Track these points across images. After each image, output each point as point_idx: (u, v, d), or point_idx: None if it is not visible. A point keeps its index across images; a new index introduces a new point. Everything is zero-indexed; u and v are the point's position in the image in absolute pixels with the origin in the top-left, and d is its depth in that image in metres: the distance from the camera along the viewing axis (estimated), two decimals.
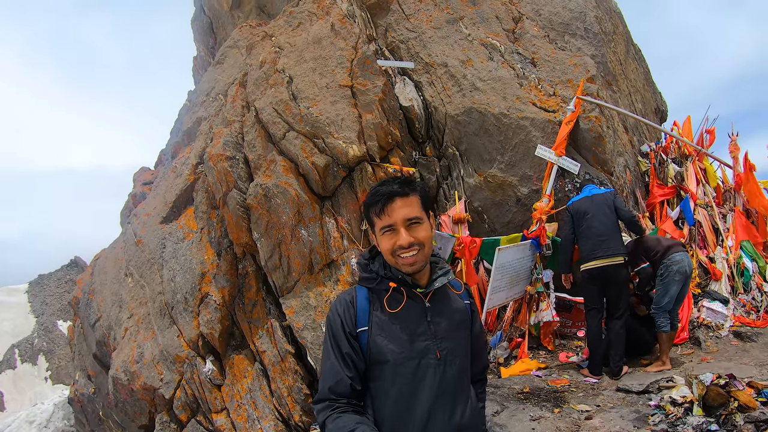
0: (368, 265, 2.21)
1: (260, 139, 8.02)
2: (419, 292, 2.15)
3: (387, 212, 2.08)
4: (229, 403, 7.57)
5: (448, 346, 2.12)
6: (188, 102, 11.82)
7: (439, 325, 2.13)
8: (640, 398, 5.40)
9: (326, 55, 8.44)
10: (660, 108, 12.32)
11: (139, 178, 12.85)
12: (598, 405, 5.39)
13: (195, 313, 8.04)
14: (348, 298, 2.19)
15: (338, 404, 2.06)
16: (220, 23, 13.72)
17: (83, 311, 10.56)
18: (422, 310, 2.13)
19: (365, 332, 2.11)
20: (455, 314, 2.20)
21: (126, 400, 8.54)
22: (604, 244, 6.35)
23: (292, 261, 7.44)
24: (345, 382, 2.06)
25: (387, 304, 2.13)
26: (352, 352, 2.09)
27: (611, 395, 5.61)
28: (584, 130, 7.69)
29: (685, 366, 6.26)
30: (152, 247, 9.22)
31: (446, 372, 2.09)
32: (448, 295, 2.24)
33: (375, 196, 2.12)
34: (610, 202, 6.56)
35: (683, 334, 7.11)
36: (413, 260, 2.08)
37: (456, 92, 8.49)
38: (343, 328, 2.11)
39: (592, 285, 6.49)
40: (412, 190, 2.12)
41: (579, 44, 8.73)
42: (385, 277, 2.16)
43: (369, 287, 2.19)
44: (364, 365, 2.11)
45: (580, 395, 5.76)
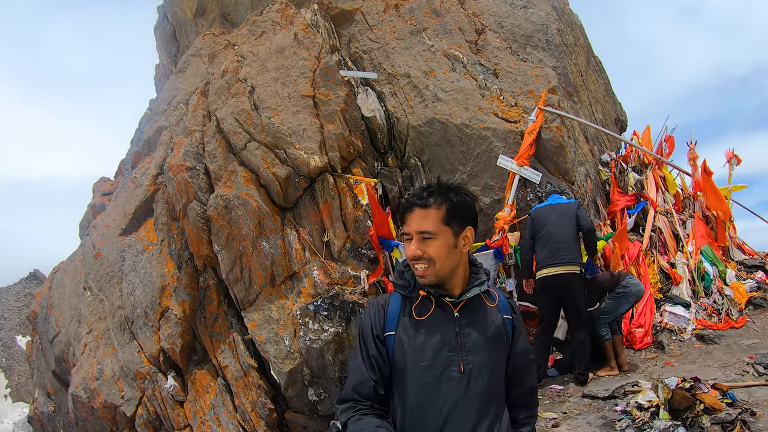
0: (404, 273, 2.20)
1: (221, 149, 7.92)
2: (449, 301, 2.12)
3: (407, 221, 2.10)
4: (192, 419, 7.41)
5: (475, 360, 2.07)
6: (149, 111, 11.62)
7: (468, 337, 2.09)
8: (606, 404, 5.46)
9: (289, 65, 8.39)
10: (620, 118, 12.56)
11: (99, 188, 12.56)
12: (564, 412, 5.42)
13: (155, 327, 7.87)
14: (381, 302, 2.20)
15: (361, 406, 2.06)
16: (184, 31, 13.56)
17: (41, 326, 10.26)
18: (450, 320, 2.10)
19: (392, 337, 2.11)
20: (488, 328, 2.14)
21: (86, 419, 8.30)
22: (560, 252, 6.32)
23: (254, 273, 7.34)
24: (369, 383, 2.06)
25: (415, 311, 2.11)
26: (378, 355, 2.09)
27: (578, 402, 5.66)
28: (546, 140, 7.78)
29: (650, 370, 6.36)
30: (111, 259, 9.00)
31: (470, 386, 2.05)
32: (484, 308, 2.18)
33: (405, 202, 2.15)
34: (573, 212, 6.54)
35: (646, 339, 7.22)
36: (423, 273, 2.07)
37: (418, 103, 8.51)
38: (372, 330, 2.12)
39: (545, 293, 6.51)
40: (435, 203, 2.08)
41: (541, 56, 8.84)
42: (416, 285, 2.14)
43: (402, 294, 2.17)
44: (389, 370, 2.10)
45: (546, 402, 5.79)
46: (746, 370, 5.87)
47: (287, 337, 6.94)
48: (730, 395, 4.92)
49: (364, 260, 7.47)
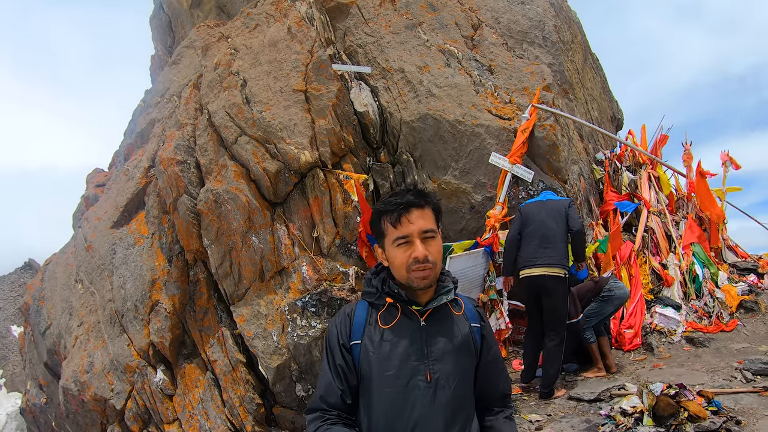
0: (371, 280, 2.17)
1: (212, 143, 7.87)
2: (415, 310, 2.09)
3: (403, 222, 2.02)
4: (180, 413, 7.41)
5: (441, 369, 2.04)
6: (143, 102, 11.55)
7: (435, 346, 2.06)
8: (591, 407, 5.43)
9: (282, 59, 8.33)
10: (616, 116, 12.49)
11: (92, 179, 12.51)
12: (549, 414, 5.40)
13: (145, 321, 7.86)
14: (347, 311, 2.17)
15: (329, 416, 2.04)
16: (179, 22, 13.47)
17: (33, 318, 10.26)
18: (417, 329, 2.07)
19: (358, 345, 2.08)
20: (455, 337, 2.11)
21: (77, 411, 8.31)
22: (545, 252, 6.08)
23: (243, 268, 7.31)
24: (336, 393, 2.05)
25: (381, 319, 2.08)
26: (345, 365, 2.07)
27: (563, 404, 5.63)
28: (539, 138, 7.73)
29: (638, 372, 6.32)
30: (102, 252, 8.98)
31: (437, 396, 2.02)
32: (450, 316, 2.15)
33: (390, 204, 2.06)
34: (563, 210, 6.26)
35: (636, 340, 7.20)
36: (427, 274, 2.02)
37: (412, 98, 8.46)
38: (338, 339, 2.10)
39: (527, 294, 6.33)
40: (427, 202, 2.08)
41: (537, 52, 8.77)
42: (382, 292, 2.11)
43: (369, 302, 2.15)
44: (356, 379, 2.07)
45: (532, 404, 5.77)
46: (734, 375, 5.82)
47: (275, 332, 6.93)
48: (715, 403, 4.89)
49: (354, 256, 7.44)
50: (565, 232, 6.21)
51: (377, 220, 2.12)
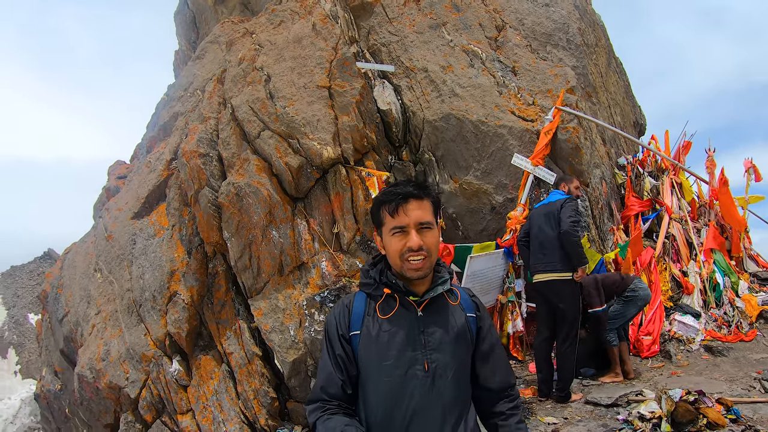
0: (368, 271, 2.19)
1: (235, 137, 7.91)
2: (413, 300, 2.11)
3: (401, 212, 2.05)
4: (194, 404, 7.44)
5: (439, 359, 2.07)
6: (166, 96, 11.64)
7: (432, 336, 2.08)
8: (608, 411, 5.38)
9: (306, 55, 8.36)
10: (639, 121, 12.39)
11: (114, 171, 12.64)
12: (565, 417, 5.35)
13: (163, 311, 7.91)
14: (346, 302, 2.20)
15: (329, 406, 2.06)
16: (204, 18, 13.57)
17: (51, 305, 10.36)
18: (414, 319, 2.09)
19: (357, 336, 2.10)
20: (452, 326, 2.13)
21: (91, 399, 8.37)
22: (542, 258, 6.02)
23: (262, 262, 7.33)
24: (336, 383, 2.07)
25: (379, 310, 2.11)
26: (344, 355, 2.09)
27: (580, 408, 5.58)
28: (562, 141, 7.68)
29: (655, 379, 6.26)
30: (122, 242, 9.06)
31: (436, 385, 2.05)
32: (447, 306, 2.17)
33: (389, 194, 2.09)
34: (556, 212, 6.00)
35: (654, 347, 7.13)
36: (420, 265, 2.04)
37: (435, 98, 8.45)
38: (337, 330, 2.12)
39: (536, 300, 6.31)
40: (426, 194, 2.11)
41: (561, 55, 8.74)
42: (380, 282, 2.13)
43: (367, 293, 2.17)
44: (355, 369, 2.10)
45: (548, 407, 5.73)
46: (753, 385, 5.76)
47: (293, 326, 6.94)
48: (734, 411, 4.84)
49: (373, 253, 7.43)
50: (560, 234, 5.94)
51: (377, 210, 2.14)
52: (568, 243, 5.81)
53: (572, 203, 6.03)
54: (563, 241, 5.84)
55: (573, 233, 5.80)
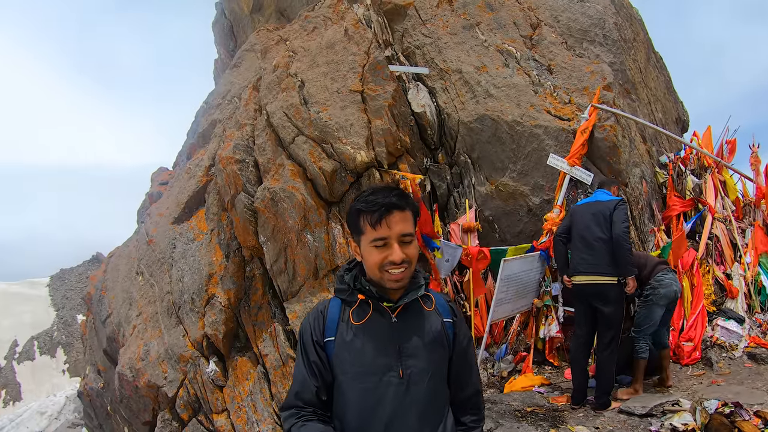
0: (343, 276, 2.17)
1: (270, 142, 8.01)
2: (386, 306, 2.09)
3: (383, 224, 2.00)
4: (230, 404, 7.57)
5: (414, 365, 2.04)
6: (205, 104, 11.90)
7: (407, 342, 2.06)
8: (641, 422, 5.16)
9: (339, 60, 8.41)
10: (681, 117, 12.03)
11: (157, 177, 12.99)
12: (597, 427, 5.19)
13: (201, 313, 8.07)
14: (321, 308, 2.17)
15: (304, 412, 2.05)
16: (241, 27, 13.81)
17: (95, 307, 10.69)
18: (388, 326, 2.07)
19: (332, 342, 2.08)
20: (427, 333, 2.11)
21: (131, 397, 8.60)
22: (588, 259, 5.72)
23: (298, 266, 7.40)
24: (311, 390, 2.05)
25: (353, 316, 2.09)
26: (319, 362, 2.07)
27: (612, 417, 5.40)
28: (599, 140, 7.52)
29: (694, 388, 5.99)
30: (163, 246, 9.28)
31: (410, 392, 2.03)
32: (422, 312, 2.15)
33: (371, 204, 2.02)
34: (608, 213, 5.70)
35: (695, 354, 6.86)
36: (401, 276, 2.02)
37: (470, 99, 8.39)
38: (312, 336, 2.10)
39: (578, 301, 6.00)
40: (408, 205, 2.07)
41: (597, 51, 8.55)
42: (354, 288, 2.11)
43: (342, 298, 2.15)
44: (330, 376, 2.08)
45: (580, 415, 5.57)
46: None
47: None
48: None
49: None
50: (610, 237, 5.67)
51: (356, 217, 2.07)
52: (619, 248, 5.54)
53: (625, 206, 5.77)
54: (615, 246, 5.57)
55: (625, 239, 5.55)
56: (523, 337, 7.39)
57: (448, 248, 7.33)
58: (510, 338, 7.38)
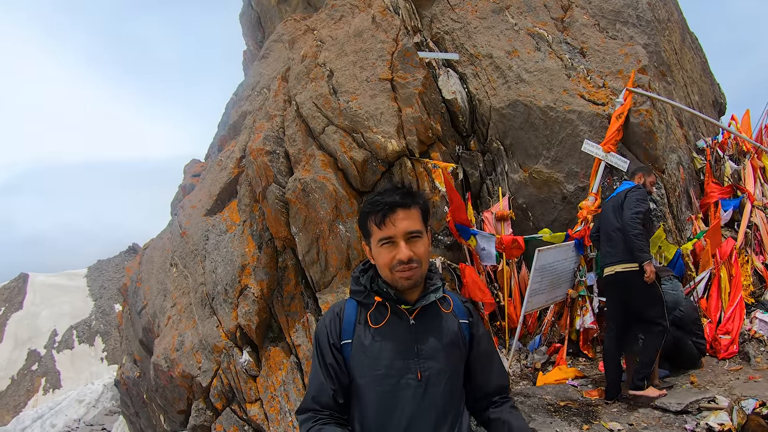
0: (359, 278, 2.15)
1: (300, 133, 8.00)
2: (404, 308, 2.06)
3: (388, 223, 1.98)
4: (263, 394, 7.64)
5: (432, 367, 2.02)
6: (235, 96, 11.96)
7: (425, 344, 2.04)
8: (677, 419, 4.97)
9: (367, 48, 8.34)
10: (718, 100, 11.67)
11: (189, 170, 13.12)
12: (630, 424, 5.03)
13: (234, 304, 8.14)
14: (336, 310, 2.14)
15: (321, 416, 2.03)
16: (268, 17, 13.79)
17: (131, 298, 10.89)
18: (406, 328, 2.05)
19: (348, 345, 2.06)
20: (445, 334, 2.09)
21: (166, 386, 8.76)
22: (609, 251, 5.68)
23: (330, 256, 7.40)
24: (327, 393, 2.03)
25: (370, 318, 2.06)
26: (336, 365, 2.05)
27: (647, 413, 5.23)
28: (634, 125, 7.33)
29: (730, 384, 5.74)
30: (196, 238, 9.38)
31: (428, 394, 2.00)
32: (439, 314, 2.12)
33: (376, 205, 2.02)
34: (621, 201, 5.65)
35: (732, 348, 6.59)
36: (411, 274, 1.99)
37: (501, 84, 8.24)
38: (328, 339, 2.08)
39: (606, 294, 5.97)
40: (414, 202, 2.04)
41: (631, 33, 8.30)
42: (371, 290, 2.09)
43: (358, 300, 2.12)
44: (347, 379, 2.06)
45: (614, 410, 5.40)
46: None
47: None
48: None
49: (440, 246, 7.36)
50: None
51: (364, 220, 2.07)
52: (625, 235, 5.48)
53: (636, 192, 5.64)
54: (623, 233, 5.52)
55: (631, 225, 5.43)
56: (557, 328, 7.27)
57: (482, 238, 7.23)
58: (544, 329, 7.27)
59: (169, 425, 9.51)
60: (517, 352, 7.06)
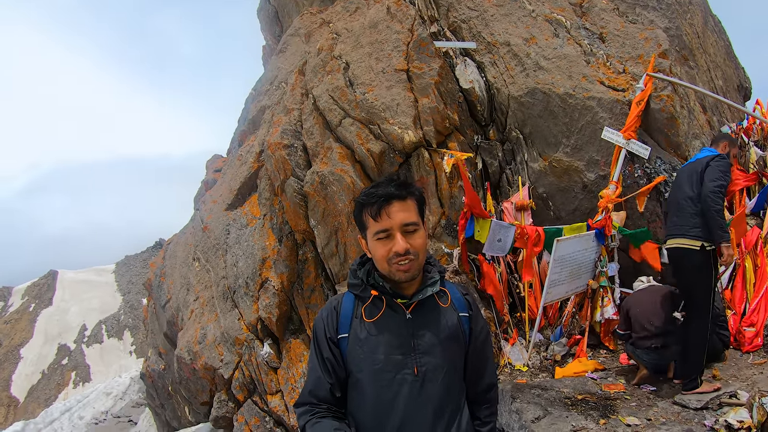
0: (356, 271, 2.14)
1: (318, 126, 8.02)
2: (401, 302, 2.05)
3: (383, 215, 1.97)
4: (283, 385, 7.71)
5: (429, 362, 2.02)
6: (254, 91, 12.02)
7: (422, 339, 2.03)
8: (696, 415, 4.83)
9: (382, 39, 8.30)
10: (743, 85, 11.39)
11: (211, 165, 13.25)
12: (648, 419, 4.93)
13: (255, 297, 8.21)
14: (334, 304, 2.15)
15: (318, 409, 2.04)
16: (286, 11, 13.80)
17: (155, 292, 11.05)
18: (402, 322, 2.04)
19: (345, 339, 2.06)
20: (443, 328, 2.07)
21: (189, 378, 8.89)
22: (675, 221, 5.17)
23: (348, 248, 7.42)
24: (325, 387, 2.04)
25: (365, 313, 2.06)
26: (333, 359, 2.06)
27: (666, 408, 5.11)
28: (655, 111, 7.19)
29: (754, 378, 5.56)
30: (217, 233, 9.48)
31: (425, 388, 2.00)
32: (437, 308, 2.11)
33: (371, 197, 2.00)
34: (701, 169, 5.07)
35: (757, 340, 6.36)
36: (408, 267, 1.98)
37: (519, 72, 8.14)
38: (325, 332, 2.08)
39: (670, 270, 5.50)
40: (409, 193, 2.02)
41: (651, 16, 8.13)
42: (367, 284, 2.08)
43: (355, 294, 2.12)
44: (344, 373, 2.07)
45: (633, 405, 5.30)
46: None
47: None
48: None
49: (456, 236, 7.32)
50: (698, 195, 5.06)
51: (359, 213, 2.05)
52: (705, 209, 4.91)
53: (720, 162, 5.08)
54: (702, 205, 4.95)
55: (714, 198, 4.88)
56: (577, 320, 7.19)
57: (501, 228, 7.15)
58: (564, 320, 7.19)
59: (193, 417, 9.66)
60: (537, 344, 7.00)
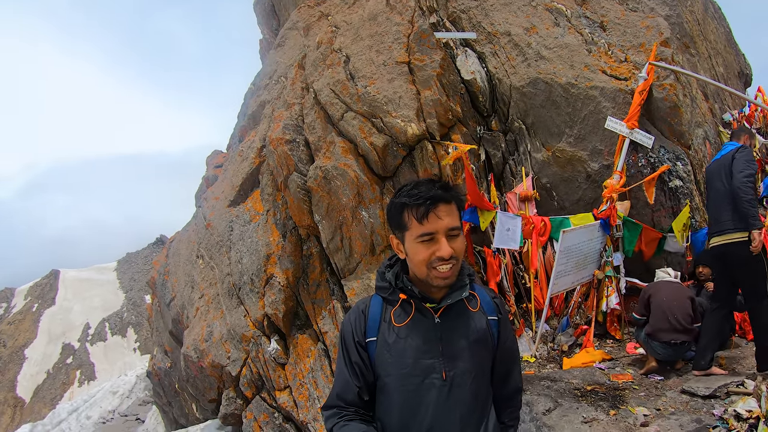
0: (384, 274, 2.10)
1: (320, 120, 7.98)
2: (429, 306, 2.01)
3: (431, 218, 1.90)
4: (291, 381, 7.72)
5: (458, 367, 1.98)
6: (253, 86, 11.97)
7: (451, 344, 2.00)
8: (705, 404, 4.84)
9: (382, 32, 8.26)
10: (744, 71, 11.35)
11: (212, 161, 13.22)
12: (658, 409, 4.93)
13: (261, 293, 8.21)
14: (362, 307, 2.11)
15: (346, 412, 2.02)
16: (283, 4, 13.73)
17: (160, 290, 11.05)
18: (431, 327, 2.00)
19: (374, 343, 2.03)
20: (471, 333, 2.04)
21: (196, 376, 8.89)
22: (719, 219, 5.20)
23: (354, 243, 7.41)
24: (353, 390, 2.02)
25: (394, 316, 2.03)
26: (361, 362, 2.03)
27: (675, 397, 5.12)
28: (658, 100, 7.16)
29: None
30: (221, 229, 9.46)
31: (453, 393, 1.97)
32: (466, 312, 2.07)
33: (415, 197, 1.92)
34: (728, 163, 5.15)
35: None
36: (449, 273, 1.93)
37: (521, 62, 8.10)
38: (353, 336, 2.05)
39: (713, 267, 5.57)
40: (453, 197, 1.96)
41: (652, 4, 8.08)
42: (395, 287, 2.05)
43: (383, 297, 2.09)
44: (372, 376, 2.04)
45: (642, 395, 5.31)
46: None
47: None
48: None
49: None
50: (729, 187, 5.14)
51: (399, 212, 1.97)
52: (737, 200, 5.00)
53: (745, 152, 5.18)
54: (734, 197, 5.04)
55: (744, 189, 4.97)
56: (583, 310, 7.19)
57: (507, 219, 7.13)
58: (570, 311, 7.20)
59: (201, 414, 9.68)
60: (544, 335, 7.01)
